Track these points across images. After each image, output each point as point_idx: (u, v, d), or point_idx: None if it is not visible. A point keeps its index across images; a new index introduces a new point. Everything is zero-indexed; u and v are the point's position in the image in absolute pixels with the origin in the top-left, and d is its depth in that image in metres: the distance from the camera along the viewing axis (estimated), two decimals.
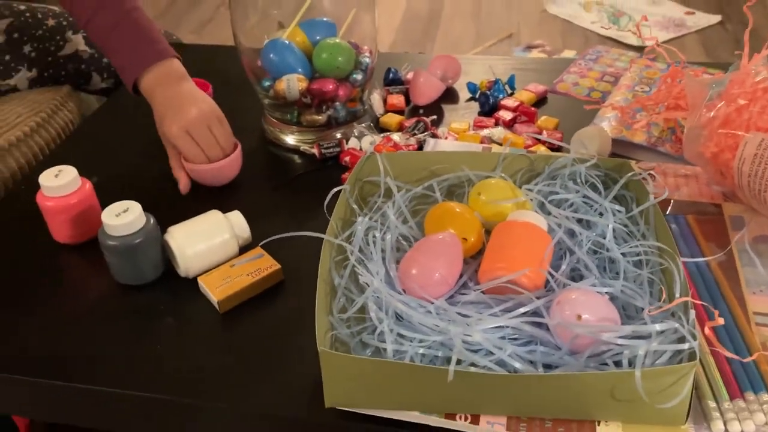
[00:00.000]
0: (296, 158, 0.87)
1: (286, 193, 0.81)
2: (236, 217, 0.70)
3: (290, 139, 0.89)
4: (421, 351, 0.53)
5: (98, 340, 0.63)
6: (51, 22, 1.06)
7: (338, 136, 0.88)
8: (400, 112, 0.95)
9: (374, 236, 0.62)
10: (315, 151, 0.85)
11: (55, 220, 0.71)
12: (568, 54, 2.22)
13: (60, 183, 0.69)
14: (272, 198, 0.81)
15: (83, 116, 1.10)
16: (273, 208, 0.78)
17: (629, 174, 0.66)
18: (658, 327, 0.50)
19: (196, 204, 0.74)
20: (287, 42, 0.84)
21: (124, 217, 0.64)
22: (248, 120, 0.93)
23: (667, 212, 0.71)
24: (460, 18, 2.54)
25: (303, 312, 0.63)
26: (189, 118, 0.77)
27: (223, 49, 1.15)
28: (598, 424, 0.51)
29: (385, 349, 0.52)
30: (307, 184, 0.82)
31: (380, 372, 0.50)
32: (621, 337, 0.50)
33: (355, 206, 0.67)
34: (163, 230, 0.68)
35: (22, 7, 1.06)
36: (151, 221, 0.66)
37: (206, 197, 0.80)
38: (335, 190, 0.66)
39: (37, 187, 0.71)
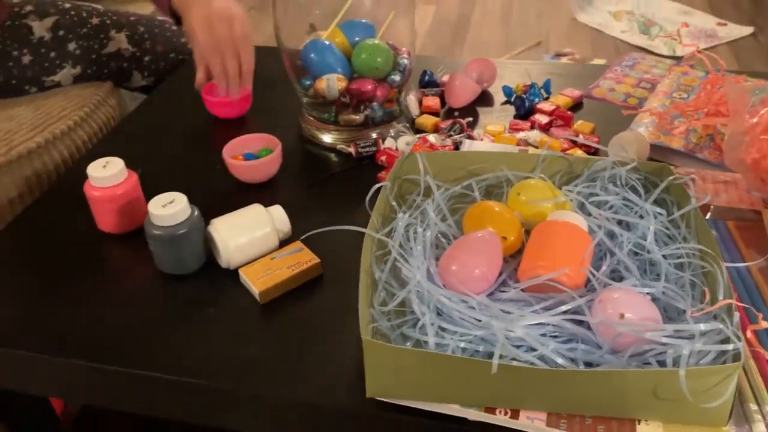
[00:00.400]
0: (333, 157, 0.88)
1: (323, 191, 0.82)
2: (277, 212, 0.71)
3: (327, 138, 0.90)
4: (462, 345, 0.53)
5: (140, 325, 0.64)
6: (95, 20, 1.09)
7: (374, 135, 0.89)
8: (435, 113, 0.96)
9: (415, 232, 0.62)
10: (352, 150, 0.86)
11: (102, 209, 0.73)
12: (598, 62, 2.21)
13: (107, 174, 0.71)
14: (309, 195, 0.82)
15: (122, 113, 1.12)
16: (310, 205, 0.79)
17: (671, 177, 0.66)
18: (702, 327, 0.50)
19: (237, 199, 0.75)
20: (327, 42, 0.86)
21: (170, 208, 0.65)
22: (286, 118, 0.94)
23: (707, 218, 0.71)
24: (489, 24, 2.55)
25: (341, 305, 0.64)
26: (213, 9, 0.83)
27: (259, 50, 1.17)
28: (639, 423, 0.51)
29: (426, 342, 0.53)
30: (344, 182, 0.83)
31: (424, 363, 0.50)
32: (665, 337, 0.50)
33: (394, 203, 0.68)
34: (206, 222, 0.69)
35: (68, 5, 1.09)
36: (196, 213, 0.67)
37: (246, 193, 0.81)
38: (377, 186, 0.67)
39: (82, 178, 0.72)
